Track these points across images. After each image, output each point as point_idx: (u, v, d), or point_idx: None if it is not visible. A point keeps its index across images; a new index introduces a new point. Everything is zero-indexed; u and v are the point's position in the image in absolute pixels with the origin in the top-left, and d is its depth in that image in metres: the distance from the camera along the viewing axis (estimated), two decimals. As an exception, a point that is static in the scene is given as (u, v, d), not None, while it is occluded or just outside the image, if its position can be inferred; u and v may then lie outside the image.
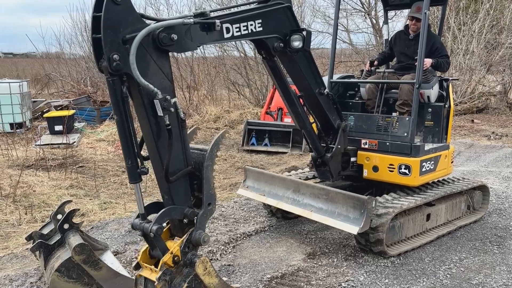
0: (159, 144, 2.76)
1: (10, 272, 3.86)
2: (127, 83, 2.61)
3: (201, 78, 15.01)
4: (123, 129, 2.65)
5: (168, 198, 2.89)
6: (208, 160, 2.97)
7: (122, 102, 2.60)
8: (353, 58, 16.15)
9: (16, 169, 7.01)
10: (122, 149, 2.73)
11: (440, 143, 4.77)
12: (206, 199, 2.97)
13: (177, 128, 2.82)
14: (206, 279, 2.88)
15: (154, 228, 2.73)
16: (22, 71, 23.05)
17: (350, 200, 3.96)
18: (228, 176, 7.43)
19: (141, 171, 2.73)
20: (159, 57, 2.74)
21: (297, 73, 4.01)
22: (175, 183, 2.85)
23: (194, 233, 2.90)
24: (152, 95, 2.63)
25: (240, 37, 3.30)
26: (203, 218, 2.98)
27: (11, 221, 5.10)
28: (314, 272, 3.87)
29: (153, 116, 2.70)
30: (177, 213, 2.91)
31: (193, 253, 2.89)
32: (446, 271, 3.91)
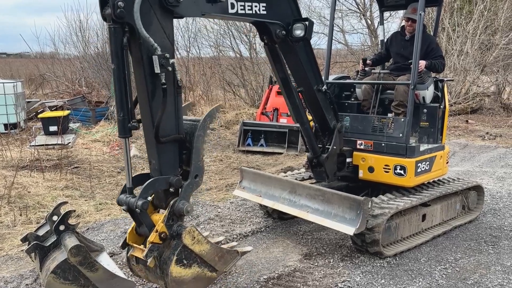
0: (153, 104, 2.74)
1: (5, 274, 3.84)
2: (128, 34, 2.62)
3: (196, 78, 14.99)
4: (119, 79, 2.66)
5: (155, 163, 2.84)
6: (200, 129, 2.95)
7: (121, 51, 2.62)
8: (349, 59, 16.20)
9: (11, 170, 6.97)
10: (115, 100, 2.73)
11: (435, 143, 4.80)
12: (194, 170, 2.91)
13: (173, 89, 2.82)
14: (197, 248, 2.84)
15: (140, 203, 2.68)
16: (16, 71, 22.89)
17: (346, 201, 3.97)
18: (224, 176, 7.42)
19: (132, 125, 2.71)
20: (163, 16, 2.79)
21: (297, 66, 4.04)
22: (164, 147, 2.82)
23: (177, 203, 2.83)
24: (151, 50, 2.64)
25: (243, 16, 3.36)
26: (188, 189, 2.91)
27: (6, 222, 5.07)
28: (310, 273, 3.87)
29: (149, 74, 2.70)
30: (162, 183, 2.84)
31: (179, 224, 2.83)
32: (442, 271, 3.93)
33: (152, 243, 2.72)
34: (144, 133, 2.87)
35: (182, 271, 2.84)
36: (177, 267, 2.81)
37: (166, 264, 2.81)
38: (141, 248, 2.83)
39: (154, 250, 2.74)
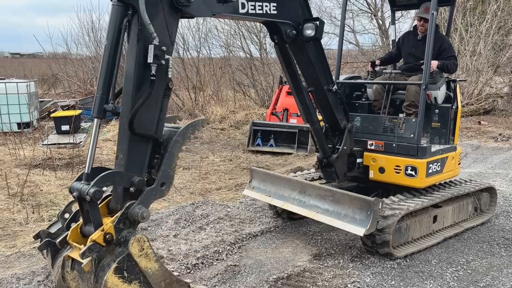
0: (137, 95, 2.61)
1: (18, 270, 3.89)
2: (130, 17, 2.59)
3: (206, 78, 15.04)
4: (108, 56, 2.58)
5: (122, 158, 2.64)
6: (179, 135, 2.77)
7: (118, 31, 2.58)
8: (360, 59, 16.11)
9: (24, 169, 7.06)
10: (98, 77, 2.61)
11: (447, 144, 4.75)
12: (161, 177, 2.68)
13: (161, 86, 2.70)
14: (143, 262, 2.47)
15: (92, 190, 2.38)
16: (29, 71, 23.22)
17: (356, 202, 3.94)
18: (234, 176, 7.43)
19: (107, 107, 2.56)
20: (170, 14, 2.76)
21: (307, 66, 4.03)
22: (136, 142, 2.63)
23: (133, 206, 2.53)
24: (149, 38, 2.58)
25: (254, 16, 3.34)
26: (150, 195, 2.64)
27: (19, 220, 5.13)
28: (320, 273, 3.86)
29: (141, 63, 2.61)
30: (123, 179, 2.57)
31: (130, 230, 2.51)
32: (453, 274, 3.89)
33: (94, 241, 2.39)
34: (119, 125, 2.69)
35: (119, 284, 2.40)
36: (115, 277, 2.39)
37: (103, 271, 2.41)
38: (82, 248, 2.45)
39: (93, 250, 2.39)
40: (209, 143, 10.36)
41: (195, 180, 7.08)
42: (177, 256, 4.12)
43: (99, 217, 2.50)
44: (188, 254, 4.16)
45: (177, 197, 6.13)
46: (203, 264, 4.01)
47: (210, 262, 4.06)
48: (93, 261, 2.41)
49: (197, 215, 5.23)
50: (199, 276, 3.80)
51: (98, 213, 2.49)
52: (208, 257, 4.12)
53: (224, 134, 11.32)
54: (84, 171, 2.56)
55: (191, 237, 4.60)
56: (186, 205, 5.57)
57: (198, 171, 7.55)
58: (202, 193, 6.42)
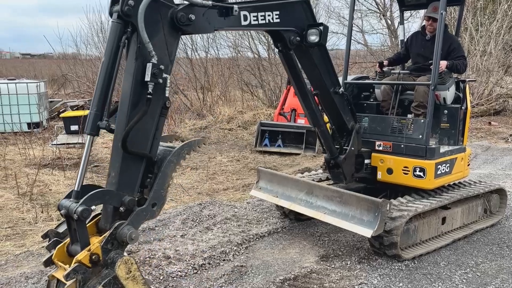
0: (132, 113, 2.56)
1: (26, 269, 3.92)
2: (129, 34, 2.57)
3: (215, 79, 15.07)
4: (104, 73, 2.54)
5: (114, 176, 2.58)
6: (173, 155, 2.70)
7: (116, 48, 2.55)
8: (368, 59, 16.03)
9: (33, 168, 7.13)
10: (94, 94, 2.57)
11: (456, 145, 4.70)
12: (153, 197, 2.61)
13: (157, 105, 2.66)
14: (130, 285, 2.42)
15: (80, 209, 2.31)
16: (39, 71, 23.48)
17: (364, 203, 3.92)
18: (241, 177, 7.43)
19: (101, 124, 2.51)
20: (170, 33, 2.73)
21: (312, 70, 4.01)
22: (129, 161, 2.57)
23: (122, 227, 2.47)
24: (147, 57, 2.56)
25: (257, 26, 3.31)
26: (140, 215, 2.58)
27: (28, 219, 5.18)
28: (327, 275, 3.84)
29: (138, 81, 2.58)
30: (114, 198, 2.50)
31: (118, 252, 2.45)
32: (462, 276, 3.85)
33: (79, 262, 2.31)
34: (113, 142, 2.65)
35: None
36: None
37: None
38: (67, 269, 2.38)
39: (78, 272, 2.31)
40: (217, 143, 10.38)
41: (203, 180, 7.09)
42: (184, 256, 4.13)
43: (86, 237, 2.42)
44: (195, 255, 4.17)
45: (184, 197, 6.14)
46: (210, 264, 4.02)
47: (217, 263, 4.06)
48: (78, 283, 2.33)
49: (204, 216, 5.24)
50: (205, 276, 3.80)
51: (85, 232, 2.41)
52: (215, 258, 4.12)
53: (232, 135, 11.33)
54: (73, 188, 2.49)
55: (198, 238, 4.61)
56: (193, 205, 5.58)
57: (206, 171, 7.57)
58: (209, 193, 6.43)
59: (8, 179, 6.47)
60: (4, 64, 33.19)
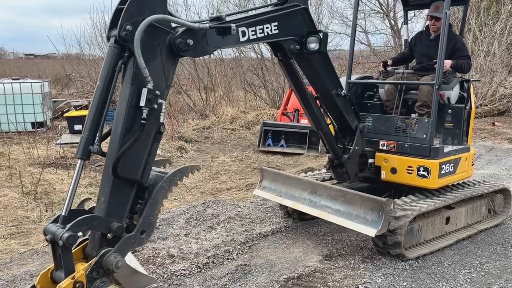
0: (125, 138, 2.53)
1: (31, 267, 3.94)
2: (125, 59, 2.56)
3: (218, 79, 15.08)
4: (99, 96, 2.53)
5: (102, 202, 2.54)
6: (165, 181, 2.66)
7: (111, 73, 2.54)
8: (371, 60, 16.02)
9: (37, 167, 7.16)
10: (87, 117, 2.56)
11: (460, 145, 4.69)
12: (142, 224, 2.57)
13: (151, 130, 2.64)
14: None
15: (66, 235, 2.25)
16: (43, 71, 23.54)
17: (368, 202, 3.92)
18: (244, 176, 7.44)
19: (92, 149, 2.47)
20: (168, 58, 2.72)
21: (313, 75, 4.01)
22: (119, 186, 2.53)
23: (108, 254, 2.43)
24: (144, 82, 2.54)
25: (256, 40, 3.29)
26: (127, 243, 2.52)
27: (32, 217, 5.21)
28: (330, 274, 3.84)
29: (133, 106, 2.56)
30: (102, 224, 2.45)
31: (104, 280, 2.40)
32: (466, 276, 3.84)
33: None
34: (104, 166, 2.61)
35: None
36: None
37: None
38: None
39: None
40: (220, 143, 10.39)
41: (206, 180, 7.10)
42: (188, 255, 4.14)
43: (71, 264, 2.36)
44: (199, 253, 4.17)
45: (188, 197, 6.16)
46: (213, 263, 4.02)
47: (221, 262, 4.07)
48: None
49: (208, 215, 5.25)
50: (209, 275, 3.81)
51: (70, 259, 2.35)
52: (218, 256, 4.13)
53: (234, 135, 11.34)
54: (60, 213, 2.43)
55: (202, 236, 4.62)
56: (197, 205, 5.59)
57: (209, 171, 7.58)
58: (212, 192, 6.44)
59: (12, 178, 6.49)
60: (8, 64, 33.33)
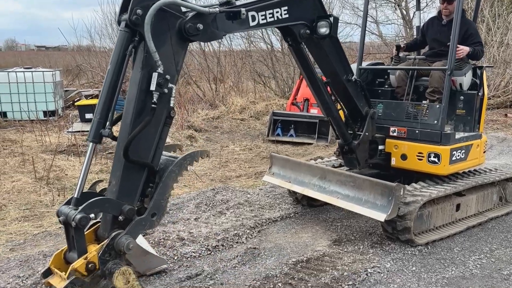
0: (136, 122, 2.56)
1: (44, 248, 4.01)
2: (136, 43, 2.57)
3: (227, 69, 15.07)
4: (110, 80, 2.54)
5: (114, 185, 2.58)
6: (175, 165, 2.68)
7: (122, 57, 2.56)
8: (382, 50, 15.87)
9: (49, 154, 7.26)
10: (98, 101, 2.58)
11: (472, 132, 4.64)
12: (153, 207, 2.60)
13: (162, 115, 2.65)
14: None
15: (78, 216, 2.29)
16: (54, 62, 23.71)
17: (377, 187, 3.91)
18: (253, 165, 7.46)
19: (104, 132, 2.50)
20: (178, 43, 2.72)
21: (324, 60, 3.98)
22: (130, 170, 2.56)
23: (119, 236, 2.45)
24: (154, 66, 2.54)
25: (266, 25, 3.28)
26: (139, 225, 2.55)
27: (45, 202, 5.29)
28: (339, 258, 3.85)
29: (143, 90, 2.58)
30: (113, 207, 2.49)
31: (116, 262, 2.43)
32: (476, 261, 3.82)
33: (75, 270, 2.30)
34: (115, 150, 2.65)
35: None
36: None
37: None
38: (63, 277, 2.36)
39: (76, 285, 2.30)
40: (229, 133, 10.41)
41: (216, 168, 7.14)
42: (198, 238, 4.18)
43: (84, 245, 2.41)
44: (209, 237, 4.21)
45: (197, 183, 6.19)
46: (223, 246, 4.06)
47: (230, 245, 4.10)
48: None
49: (217, 200, 5.28)
50: (219, 257, 3.85)
51: (83, 240, 2.40)
52: (228, 240, 4.17)
53: (244, 125, 11.36)
54: (73, 195, 2.48)
55: (211, 221, 4.65)
56: (206, 191, 5.63)
57: (219, 159, 7.61)
58: (222, 180, 6.47)
59: (25, 164, 6.59)
60: (20, 55, 33.65)
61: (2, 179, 5.83)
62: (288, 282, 3.41)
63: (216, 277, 3.51)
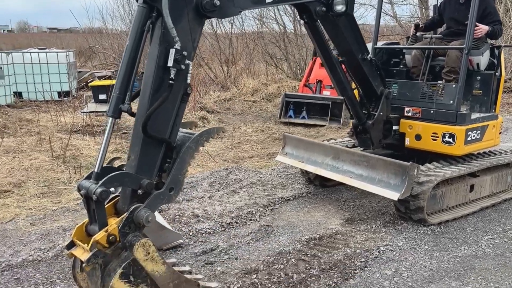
0: (154, 98, 2.59)
1: (63, 223, 4.12)
2: (154, 19, 2.59)
3: (239, 51, 14.99)
4: (128, 56, 2.56)
5: (133, 159, 2.63)
6: (192, 142, 2.72)
7: (140, 33, 2.57)
8: (396, 32, 15.61)
9: (65, 134, 7.37)
10: (117, 77, 2.61)
11: (488, 112, 4.60)
12: (171, 182, 2.65)
13: (179, 91, 2.68)
14: (149, 266, 2.48)
15: (99, 190, 2.35)
16: (66, 44, 23.82)
17: (391, 167, 3.92)
18: (266, 146, 7.49)
19: (123, 107, 2.54)
20: (195, 19, 2.73)
21: (339, 38, 3.96)
22: (149, 145, 2.62)
23: (139, 209, 2.51)
24: (171, 42, 2.56)
25: (281, 2, 3.25)
26: (157, 199, 2.61)
27: (62, 179, 5.40)
28: (352, 236, 3.90)
29: (161, 66, 2.60)
30: (133, 181, 2.54)
31: (135, 234, 2.49)
32: (489, 241, 3.84)
33: (97, 242, 2.38)
34: (134, 126, 2.70)
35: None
36: (121, 282, 2.42)
37: (109, 277, 2.43)
38: (85, 248, 2.44)
39: (99, 256, 2.39)
40: (241, 115, 10.43)
41: (228, 149, 7.19)
42: (212, 215, 4.25)
43: (104, 217, 2.47)
44: (223, 214, 4.28)
45: (210, 163, 6.26)
46: (237, 223, 4.13)
47: (244, 222, 4.17)
48: (100, 266, 2.42)
49: (230, 180, 5.34)
50: (233, 234, 3.92)
51: (103, 213, 2.46)
52: (241, 217, 4.23)
53: (256, 106, 11.35)
54: (93, 170, 2.54)
55: (225, 199, 4.72)
56: (220, 170, 5.69)
57: (231, 141, 7.65)
58: (235, 160, 6.52)
59: (42, 143, 6.71)
60: (33, 37, 33.84)
61: (20, 157, 5.96)
62: (301, 258, 3.46)
63: (231, 252, 3.58)
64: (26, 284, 3.11)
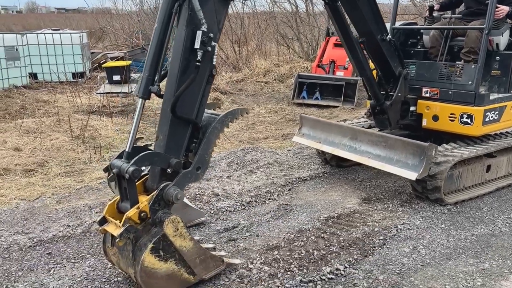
0: (182, 78, 2.66)
1: (88, 201, 4.25)
2: (181, 2, 2.65)
3: (251, 31, 14.90)
4: (157, 38, 2.64)
5: (162, 139, 2.73)
6: (218, 122, 2.83)
7: (168, 16, 2.64)
8: (410, 11, 15.35)
9: (82, 114, 7.48)
10: (146, 59, 2.69)
11: (507, 93, 4.59)
12: (198, 162, 2.76)
13: (205, 72, 2.74)
14: (178, 242, 2.61)
15: (131, 169, 2.45)
16: (76, 25, 23.82)
17: (409, 147, 3.97)
18: (280, 127, 7.55)
19: (152, 89, 2.63)
20: (220, 1, 2.79)
21: (359, 19, 3.97)
22: (177, 125, 2.70)
23: (168, 187, 2.62)
24: (198, 24, 2.63)
25: None
26: (185, 177, 2.72)
27: (83, 159, 5.53)
28: (369, 215, 3.98)
29: (188, 48, 2.67)
30: (162, 160, 2.65)
31: (165, 211, 2.61)
32: (505, 220, 3.90)
33: (129, 218, 2.49)
34: (162, 107, 2.77)
35: (156, 263, 2.57)
36: (152, 256, 2.55)
37: (140, 251, 2.55)
38: (118, 224, 2.55)
39: (131, 231, 2.50)
40: (254, 96, 10.45)
41: (243, 130, 7.26)
42: (231, 194, 4.36)
43: (136, 195, 2.57)
44: (242, 193, 4.38)
45: (226, 144, 6.34)
46: (256, 202, 4.23)
47: (263, 201, 4.27)
48: (131, 241, 2.55)
49: (247, 160, 5.43)
50: (253, 212, 4.02)
51: (135, 191, 2.56)
52: (260, 196, 4.33)
53: (268, 87, 11.35)
54: (125, 149, 2.65)
55: (243, 179, 4.82)
56: (236, 151, 5.78)
57: (245, 122, 7.71)
58: (250, 141, 6.60)
59: (61, 124, 6.83)
60: (42, 18, 33.86)
61: (41, 138, 6.09)
62: (321, 235, 3.56)
63: (252, 229, 3.69)
64: (58, 258, 3.25)
